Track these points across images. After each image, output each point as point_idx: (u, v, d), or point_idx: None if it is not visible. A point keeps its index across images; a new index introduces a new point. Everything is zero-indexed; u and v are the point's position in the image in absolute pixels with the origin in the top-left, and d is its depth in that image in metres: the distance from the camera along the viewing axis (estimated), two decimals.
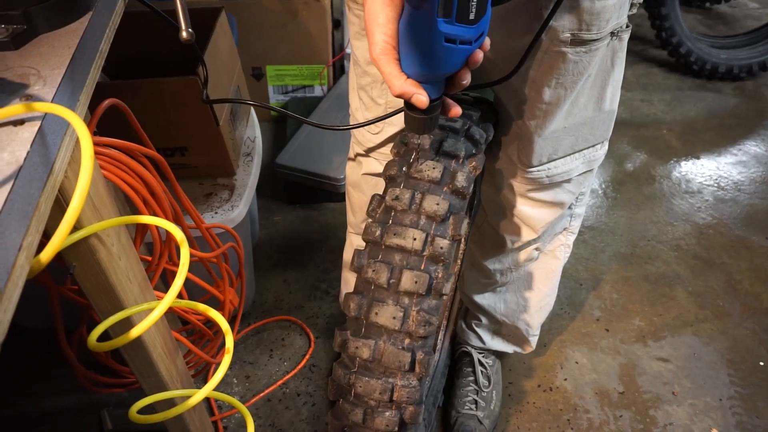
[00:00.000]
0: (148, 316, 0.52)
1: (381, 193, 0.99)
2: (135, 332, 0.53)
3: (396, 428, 0.72)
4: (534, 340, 1.21)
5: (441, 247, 0.70)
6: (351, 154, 1.00)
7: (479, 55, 0.56)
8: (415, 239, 0.70)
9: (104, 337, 0.63)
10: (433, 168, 0.74)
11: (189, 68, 1.00)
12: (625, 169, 1.93)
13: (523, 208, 0.94)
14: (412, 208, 0.72)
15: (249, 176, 1.19)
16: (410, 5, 0.54)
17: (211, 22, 1.11)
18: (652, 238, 1.67)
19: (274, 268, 1.55)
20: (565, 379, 1.32)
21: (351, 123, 0.95)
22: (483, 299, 1.16)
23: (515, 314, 1.16)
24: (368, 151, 0.93)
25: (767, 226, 1.71)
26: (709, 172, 1.92)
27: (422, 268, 0.70)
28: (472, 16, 0.52)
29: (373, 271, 0.70)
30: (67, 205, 0.45)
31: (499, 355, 1.31)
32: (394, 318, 0.68)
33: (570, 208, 0.99)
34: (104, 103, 0.66)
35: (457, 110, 0.67)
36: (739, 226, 1.71)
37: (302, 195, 1.71)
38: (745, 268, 1.58)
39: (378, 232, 0.72)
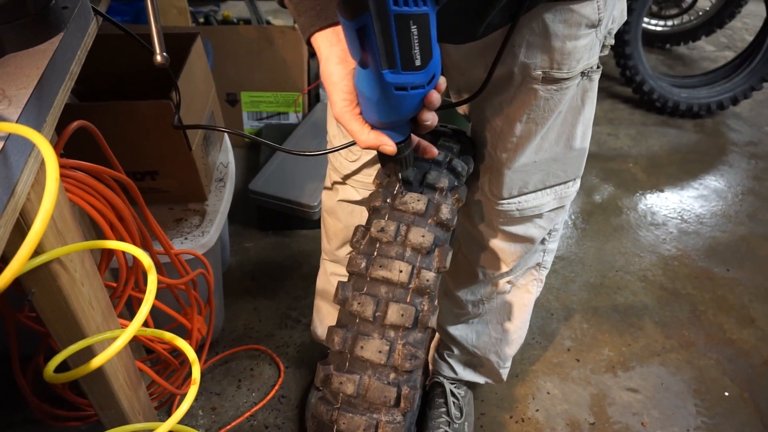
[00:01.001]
0: (110, 345, 0.50)
1: (357, 220, 0.99)
2: (96, 362, 0.51)
3: None
4: (505, 372, 1.21)
5: (427, 280, 0.69)
6: (327, 183, 1.00)
7: (434, 96, 0.59)
8: (401, 271, 0.69)
9: (63, 367, 0.60)
10: (418, 200, 0.74)
11: (163, 92, 0.99)
12: (593, 200, 1.98)
13: (495, 240, 0.94)
14: (397, 239, 0.71)
15: (221, 202, 1.17)
16: (357, 64, 0.56)
17: (186, 47, 1.10)
18: (620, 269, 1.71)
19: (244, 295, 1.52)
20: (537, 410, 1.32)
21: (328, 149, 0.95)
22: (456, 330, 1.15)
23: (487, 346, 1.15)
24: (345, 178, 0.93)
25: (728, 258, 1.77)
26: (672, 205, 1.98)
27: (408, 300, 0.69)
28: (418, 63, 0.55)
29: (359, 303, 0.69)
30: (29, 228, 0.43)
31: (471, 385, 1.30)
32: (380, 352, 0.67)
33: (543, 243, 1.00)
34: (72, 124, 0.65)
35: (433, 152, 0.70)
36: (702, 258, 1.76)
37: (275, 221, 1.69)
38: (709, 298, 1.62)
39: (363, 264, 0.71)
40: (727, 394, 1.38)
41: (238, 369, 1.34)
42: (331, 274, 1.11)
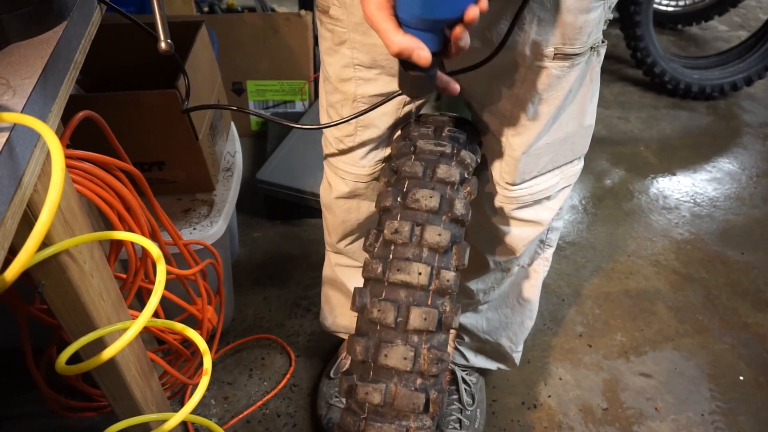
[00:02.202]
0: (121, 336, 0.50)
1: (354, 216, 0.97)
2: (107, 354, 0.50)
3: None
4: (517, 357, 1.20)
5: (448, 280, 0.66)
6: (323, 179, 1.00)
7: (475, 12, 0.53)
8: (420, 273, 0.66)
9: (75, 358, 0.60)
10: (430, 197, 0.70)
11: (168, 82, 0.98)
12: (604, 185, 1.95)
13: (505, 227, 0.93)
14: (413, 240, 0.68)
15: (229, 192, 1.17)
16: None
17: (191, 35, 1.09)
18: (632, 254, 1.69)
19: (254, 285, 1.52)
20: (549, 396, 1.31)
21: (322, 142, 0.94)
22: (465, 318, 1.14)
23: (498, 331, 1.15)
24: (338, 173, 0.92)
25: (742, 242, 1.74)
26: (685, 188, 1.96)
27: (430, 303, 0.66)
28: None
29: (379, 310, 0.66)
30: (36, 219, 0.43)
31: (483, 372, 1.29)
32: (405, 359, 0.65)
33: None
34: (78, 114, 0.64)
35: (455, 87, 0.64)
36: (715, 242, 1.74)
37: (283, 211, 1.69)
38: (723, 282, 1.61)
39: (380, 269, 0.68)
40: (742, 378, 1.36)
41: (249, 358, 1.34)
42: (335, 264, 1.11)
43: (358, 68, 0.78)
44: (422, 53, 0.54)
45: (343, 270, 1.11)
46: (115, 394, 0.75)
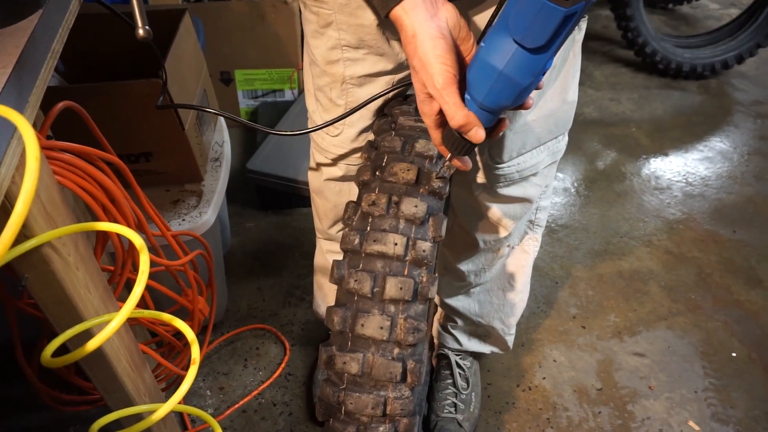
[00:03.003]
0: (104, 328, 0.49)
1: (345, 198, 0.97)
2: (91, 345, 0.50)
3: None
4: (510, 340, 1.21)
5: (423, 250, 0.68)
6: (312, 163, 0.99)
7: (531, 102, 0.59)
8: (396, 244, 0.67)
9: (64, 352, 0.59)
10: (408, 170, 0.71)
11: (154, 72, 0.97)
12: (596, 167, 1.95)
13: (494, 206, 0.93)
14: (389, 212, 0.70)
15: (217, 182, 1.16)
16: (527, 47, 0.52)
17: (174, 24, 1.07)
18: (625, 235, 1.69)
19: (247, 275, 1.51)
20: (544, 378, 1.32)
21: (309, 126, 0.93)
22: (457, 302, 1.15)
23: (490, 314, 1.15)
24: (327, 155, 0.91)
25: (734, 220, 1.75)
26: (677, 168, 1.96)
27: (406, 273, 0.68)
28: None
29: (356, 281, 0.67)
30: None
31: (477, 356, 1.30)
32: (381, 328, 0.66)
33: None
34: (58, 105, 0.63)
35: (468, 165, 0.67)
36: (707, 221, 1.75)
37: (275, 200, 1.68)
38: (715, 261, 1.61)
39: (357, 240, 0.69)
40: (734, 355, 1.37)
41: (243, 348, 1.34)
42: (326, 251, 1.10)
43: (346, 49, 0.77)
44: (480, 132, 0.59)
45: (335, 257, 1.10)
46: (107, 386, 0.74)
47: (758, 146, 2.07)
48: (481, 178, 0.90)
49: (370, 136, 0.88)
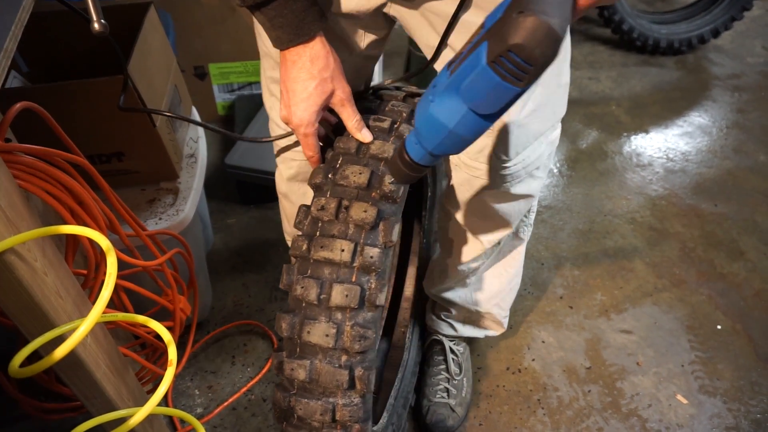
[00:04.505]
0: (72, 334, 0.48)
1: (306, 198, 0.95)
2: (59, 353, 0.48)
3: None
4: (505, 321, 1.21)
5: (371, 257, 0.66)
6: (277, 169, 0.97)
7: None
8: (343, 250, 0.66)
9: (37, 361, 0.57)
10: (360, 173, 0.70)
11: (121, 69, 0.94)
12: (578, 146, 1.95)
13: (502, 206, 0.91)
14: (339, 217, 0.68)
15: (193, 178, 1.13)
16: (479, 113, 0.54)
17: (139, 18, 1.04)
18: (608, 213, 1.70)
19: (231, 272, 1.50)
20: (533, 360, 1.32)
21: (270, 127, 0.91)
22: (454, 294, 1.14)
23: (488, 301, 1.15)
24: (285, 153, 0.90)
25: (715, 194, 1.76)
26: (658, 144, 1.97)
27: (354, 280, 0.67)
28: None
29: (302, 287, 0.67)
30: None
31: (469, 340, 1.30)
32: (326, 335, 0.65)
33: None
34: (15, 106, 0.61)
35: (366, 136, 0.73)
36: (689, 195, 1.76)
37: (255, 195, 1.66)
38: (698, 235, 1.62)
39: (305, 246, 0.68)
40: (719, 327, 1.39)
41: (231, 346, 1.33)
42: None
43: None
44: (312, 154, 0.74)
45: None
46: (86, 392, 0.73)
47: (736, 119, 2.09)
48: (487, 182, 0.87)
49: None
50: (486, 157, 0.84)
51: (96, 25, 0.56)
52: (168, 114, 0.82)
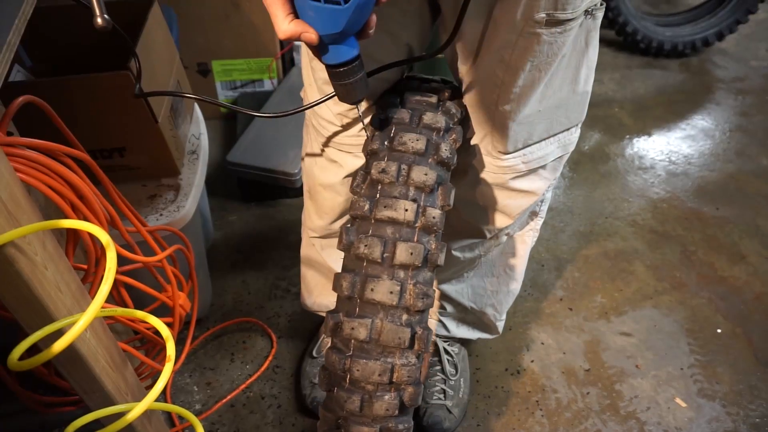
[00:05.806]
0: (71, 328, 0.48)
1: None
2: (58, 347, 0.48)
3: (396, 412, 0.68)
4: (501, 326, 1.21)
5: (433, 217, 0.68)
6: (309, 150, 0.96)
7: (374, 18, 0.59)
8: (406, 210, 0.68)
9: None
10: (417, 140, 0.72)
11: (124, 65, 0.94)
12: (580, 148, 1.95)
13: (500, 199, 0.91)
14: (399, 179, 0.70)
15: (195, 175, 1.14)
16: None
17: (143, 14, 1.04)
18: (610, 215, 1.70)
19: (231, 269, 1.50)
20: (532, 361, 1.32)
21: (314, 124, 0.91)
22: (450, 286, 1.14)
23: (484, 300, 1.14)
24: (342, 148, 0.89)
25: (717, 197, 1.76)
26: (660, 147, 1.96)
27: (416, 239, 0.68)
28: None
29: (366, 246, 0.67)
30: None
31: (464, 342, 1.30)
32: (391, 293, 0.66)
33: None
34: (18, 99, 0.61)
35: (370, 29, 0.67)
36: (691, 199, 1.75)
37: (257, 192, 1.66)
38: (699, 238, 1.62)
39: (366, 207, 0.70)
40: (719, 330, 1.39)
41: (230, 343, 1.33)
42: (322, 249, 1.08)
43: None
44: (308, 35, 0.58)
45: (334, 253, 1.08)
46: (85, 387, 0.73)
47: (739, 123, 2.08)
48: (486, 171, 0.88)
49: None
50: (486, 146, 0.85)
51: (99, 20, 0.56)
52: (190, 95, 0.81)
